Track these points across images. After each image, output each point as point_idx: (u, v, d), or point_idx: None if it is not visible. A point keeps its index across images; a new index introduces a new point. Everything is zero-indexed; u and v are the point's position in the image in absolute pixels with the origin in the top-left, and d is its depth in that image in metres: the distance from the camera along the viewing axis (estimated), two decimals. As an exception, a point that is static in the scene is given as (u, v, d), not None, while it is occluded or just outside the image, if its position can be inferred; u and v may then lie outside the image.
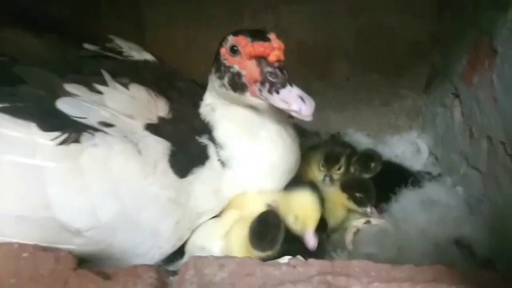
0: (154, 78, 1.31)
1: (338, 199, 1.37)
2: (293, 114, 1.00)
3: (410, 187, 1.37)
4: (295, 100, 0.99)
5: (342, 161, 1.50)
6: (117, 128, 1.11)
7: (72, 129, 1.05)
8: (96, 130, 1.08)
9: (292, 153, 1.28)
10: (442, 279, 0.87)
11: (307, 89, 1.88)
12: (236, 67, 1.12)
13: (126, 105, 1.16)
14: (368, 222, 1.28)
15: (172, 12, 1.92)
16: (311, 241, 1.16)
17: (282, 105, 1.02)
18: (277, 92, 1.02)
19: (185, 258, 1.24)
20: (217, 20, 1.89)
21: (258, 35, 1.09)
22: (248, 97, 1.12)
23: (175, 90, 1.30)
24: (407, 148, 1.76)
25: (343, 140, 1.82)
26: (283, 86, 1.02)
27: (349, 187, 1.37)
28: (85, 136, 1.06)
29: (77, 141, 1.05)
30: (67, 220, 1.03)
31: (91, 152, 1.05)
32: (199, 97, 1.29)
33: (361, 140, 1.85)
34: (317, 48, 1.91)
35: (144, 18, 1.94)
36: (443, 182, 1.49)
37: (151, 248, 1.15)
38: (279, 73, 1.05)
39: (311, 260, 0.93)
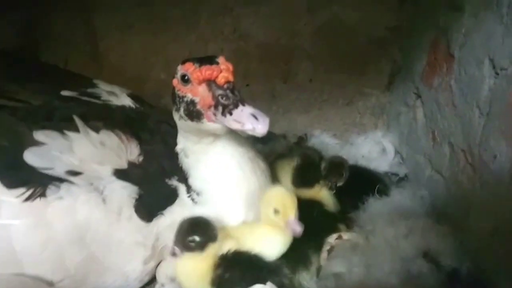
0: (126, 120, 1.33)
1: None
2: (248, 132, 0.99)
3: (377, 196, 1.36)
4: (247, 119, 0.98)
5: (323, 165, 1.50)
6: (84, 176, 1.14)
7: (38, 184, 1.09)
8: (62, 180, 1.11)
9: (266, 187, 1.28)
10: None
11: (271, 91, 1.90)
12: (189, 96, 1.10)
13: (95, 152, 1.19)
14: (340, 237, 1.27)
15: (125, 18, 1.83)
16: (296, 227, 1.16)
17: (236, 126, 1.00)
18: (230, 114, 1.01)
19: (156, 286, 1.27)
20: (174, 23, 1.82)
21: (205, 60, 1.08)
22: (206, 124, 1.10)
23: (147, 131, 1.32)
24: (373, 147, 1.76)
25: (310, 142, 1.83)
26: (236, 106, 1.01)
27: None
28: (50, 190, 1.09)
29: (42, 195, 1.08)
30: (38, 274, 1.07)
31: (57, 205, 1.09)
32: (170, 136, 1.29)
33: (328, 141, 1.85)
34: (278, 49, 1.87)
35: (96, 27, 1.85)
36: (409, 187, 1.49)
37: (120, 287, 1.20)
38: (230, 94, 1.03)
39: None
